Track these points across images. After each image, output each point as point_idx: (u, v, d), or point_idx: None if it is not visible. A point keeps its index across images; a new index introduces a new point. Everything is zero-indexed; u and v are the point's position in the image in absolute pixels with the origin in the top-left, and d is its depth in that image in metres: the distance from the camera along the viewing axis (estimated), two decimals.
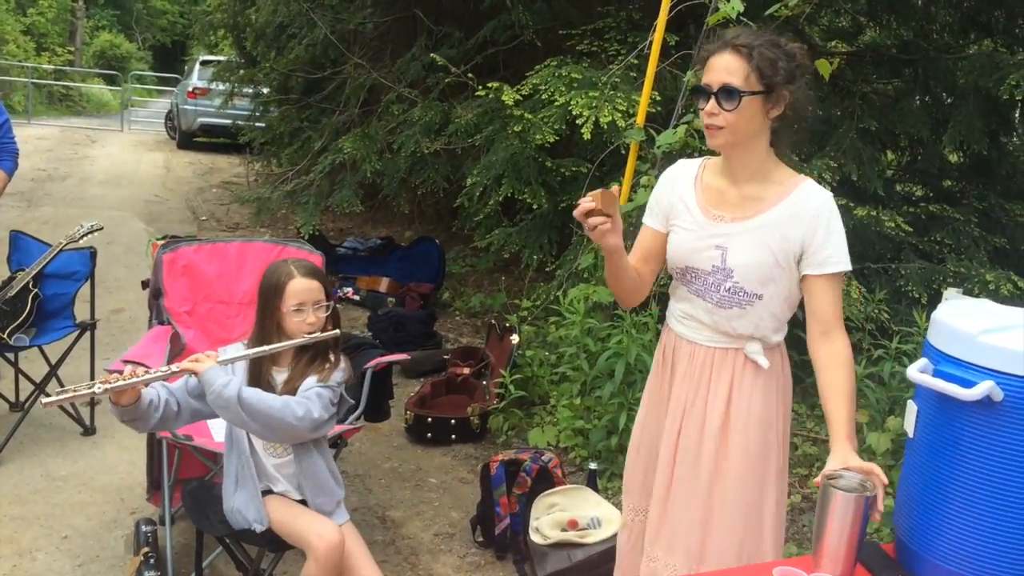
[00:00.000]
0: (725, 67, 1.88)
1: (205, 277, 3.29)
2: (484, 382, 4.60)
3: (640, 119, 4.11)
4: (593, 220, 1.84)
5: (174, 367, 2.27)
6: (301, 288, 2.45)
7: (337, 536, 2.37)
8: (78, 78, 28.13)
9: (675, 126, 3.94)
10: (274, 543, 2.44)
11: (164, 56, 38.55)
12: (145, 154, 14.95)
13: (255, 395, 2.32)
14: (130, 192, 10.71)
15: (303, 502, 2.51)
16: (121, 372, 2.52)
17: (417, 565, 3.25)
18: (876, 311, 4.28)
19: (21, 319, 3.80)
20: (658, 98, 4.45)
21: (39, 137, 15.92)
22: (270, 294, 2.46)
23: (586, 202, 1.83)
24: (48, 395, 2.10)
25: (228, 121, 12.02)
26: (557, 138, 4.79)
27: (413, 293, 6.12)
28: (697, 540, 2.05)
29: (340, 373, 2.56)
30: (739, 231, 1.97)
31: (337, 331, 2.58)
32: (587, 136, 4.33)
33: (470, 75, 5.39)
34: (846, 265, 1.94)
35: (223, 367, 2.34)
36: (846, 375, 1.90)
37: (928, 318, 1.65)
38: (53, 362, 3.95)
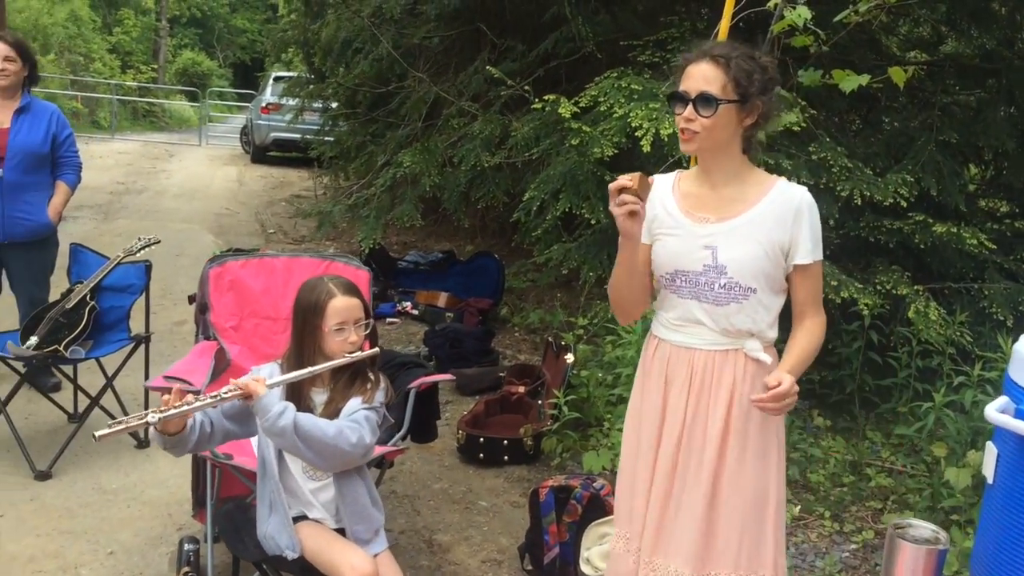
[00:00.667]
0: (703, 75, 1.98)
1: (251, 292, 3.25)
2: (540, 401, 4.48)
3: None
4: (625, 197, 1.93)
5: (224, 392, 2.20)
6: (342, 307, 2.38)
7: (370, 568, 2.28)
8: (161, 95, 29.03)
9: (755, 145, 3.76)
10: (307, 571, 2.36)
11: (244, 73, 39.61)
12: (220, 168, 15.29)
13: (310, 423, 2.25)
14: (202, 205, 10.92)
15: (340, 530, 2.43)
16: (162, 389, 2.50)
17: None
18: (957, 334, 4.04)
19: (78, 331, 3.82)
20: None
21: (120, 152, 16.44)
22: (309, 313, 2.39)
23: (624, 179, 1.93)
24: (110, 417, 2.06)
25: (299, 136, 12.22)
26: (616, 151, 4.65)
27: (472, 308, 6.03)
28: (699, 543, 2.09)
29: (382, 393, 2.49)
30: (727, 230, 2.07)
31: (377, 349, 2.50)
32: (647, 149, 4.18)
33: (526, 88, 5.29)
34: (821, 254, 2.10)
35: (274, 391, 2.28)
36: (803, 336, 2.09)
37: (1014, 342, 1.48)
38: (110, 374, 3.97)
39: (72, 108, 21.79)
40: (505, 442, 4.13)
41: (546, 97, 4.78)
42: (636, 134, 4.33)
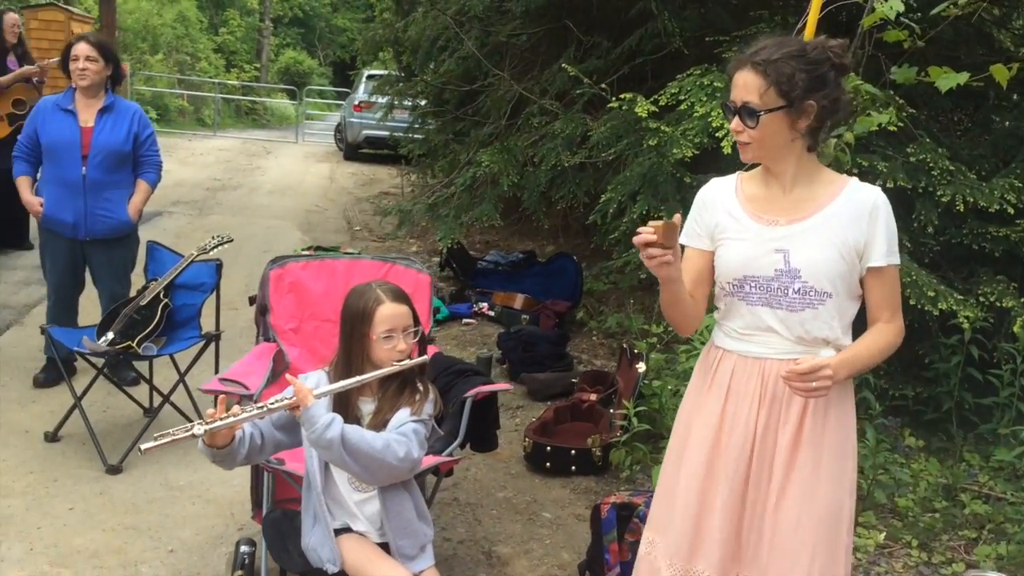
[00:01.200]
0: (744, 84, 1.92)
1: (312, 294, 3.22)
2: (612, 410, 4.33)
3: None
4: (652, 251, 1.86)
5: (271, 403, 2.15)
6: (391, 314, 2.31)
7: None
8: (263, 93, 29.86)
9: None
10: None
11: (342, 71, 40.40)
12: (313, 165, 15.58)
13: (357, 435, 2.18)
14: (294, 202, 11.11)
15: (385, 544, 2.35)
16: (216, 392, 2.48)
17: None
18: None
19: (150, 328, 3.88)
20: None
21: (220, 148, 16.93)
22: (357, 320, 2.32)
23: (647, 233, 1.85)
24: (180, 413, 2.03)
25: (388, 134, 12.35)
26: (697, 152, 4.47)
27: (548, 311, 5.92)
28: (761, 558, 2.03)
29: (430, 404, 2.41)
30: (799, 231, 1.98)
31: (425, 357, 2.42)
32: (727, 150, 3.99)
33: (603, 86, 5.13)
34: (898, 257, 2.00)
35: (321, 402, 2.22)
36: (869, 336, 1.99)
37: None
38: (182, 371, 4.02)
39: (178, 106, 22.63)
40: (573, 452, 4.01)
41: (622, 95, 4.62)
42: (717, 135, 4.15)
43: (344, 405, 2.34)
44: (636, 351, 4.30)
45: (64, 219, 4.22)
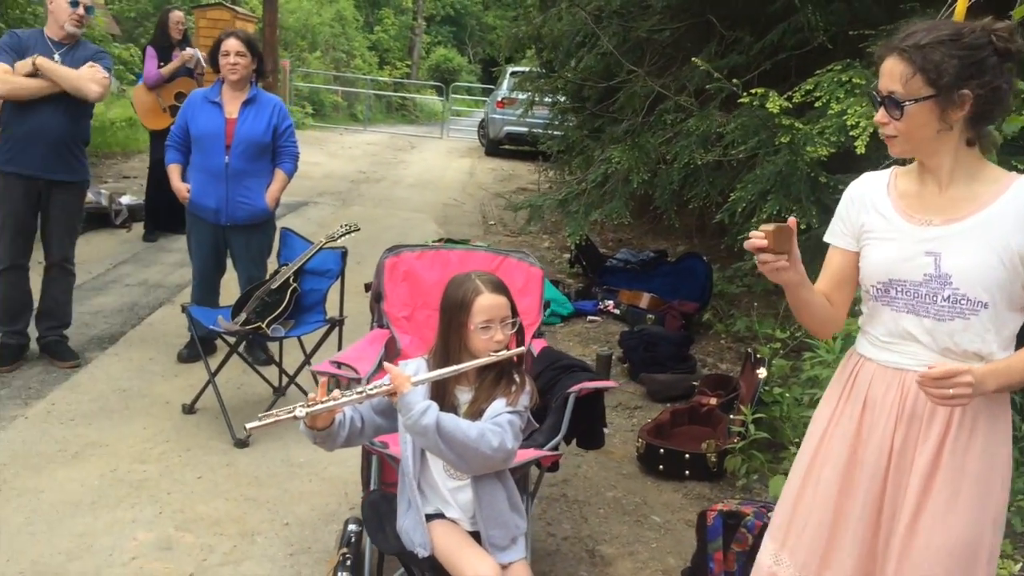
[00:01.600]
0: (890, 72, 1.78)
1: (425, 284, 3.27)
2: (731, 415, 4.21)
3: None
4: (764, 257, 1.79)
5: (370, 387, 2.20)
6: (489, 304, 2.32)
7: None
8: (413, 89, 30.72)
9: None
10: (437, 570, 2.32)
11: (491, 69, 41.05)
12: (454, 160, 15.90)
13: (452, 423, 2.20)
14: (432, 195, 11.38)
15: (477, 533, 2.37)
16: (327, 374, 2.57)
17: None
18: None
19: (279, 311, 4.05)
20: None
21: (368, 143, 17.54)
22: (455, 310, 2.34)
23: (757, 237, 1.79)
24: (304, 394, 2.13)
25: (528, 130, 12.46)
26: (834, 151, 4.27)
27: (675, 311, 5.81)
28: None
29: (526, 396, 2.40)
30: (953, 233, 1.82)
31: (523, 348, 2.42)
32: (861, 150, 3.80)
33: (735, 81, 4.98)
34: None
35: (419, 389, 2.26)
36: None
37: None
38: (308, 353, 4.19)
39: (333, 102, 23.59)
40: (687, 456, 3.92)
41: (753, 91, 4.47)
42: (851, 133, 3.95)
43: (441, 393, 2.37)
44: (759, 356, 4.16)
45: (207, 205, 4.47)
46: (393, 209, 10.01)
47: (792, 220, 1.83)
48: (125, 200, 7.81)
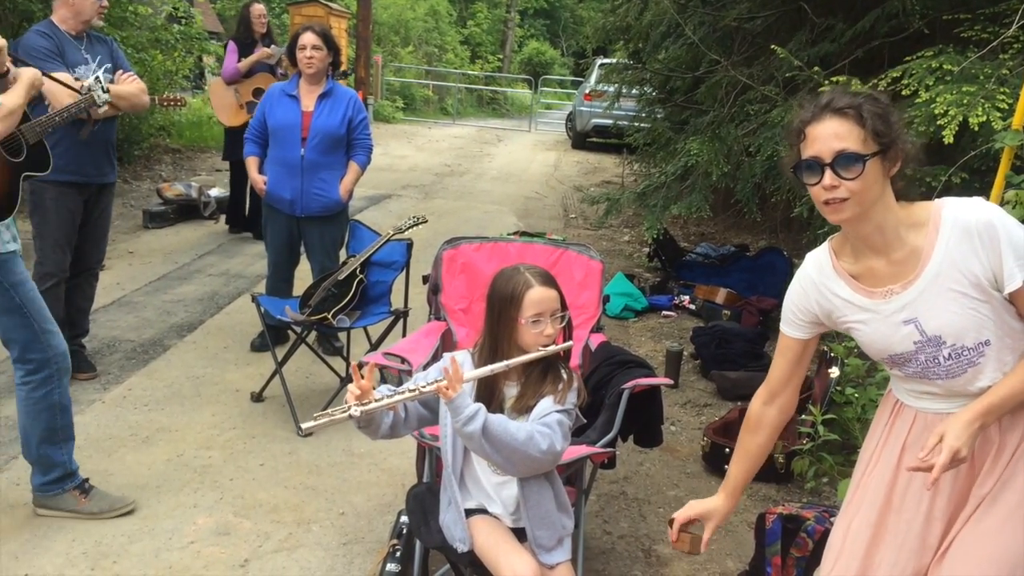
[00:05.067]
0: (834, 134, 1.70)
1: (483, 276, 3.23)
2: (802, 416, 4.04)
3: (1018, 119, 3.29)
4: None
5: (423, 385, 2.17)
6: (539, 298, 2.27)
7: None
8: (504, 83, 30.79)
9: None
10: (476, 566, 2.30)
11: (582, 61, 40.83)
12: (540, 153, 15.85)
13: (500, 427, 2.16)
14: (515, 188, 11.37)
15: (518, 530, 2.33)
16: (380, 365, 2.57)
17: None
18: None
19: (345, 301, 4.09)
20: None
21: (456, 136, 17.67)
22: (505, 303, 2.30)
23: (673, 536, 2.12)
24: (353, 402, 2.12)
25: (614, 122, 12.32)
26: (922, 141, 4.04)
27: (752, 307, 5.64)
28: None
29: (574, 394, 2.35)
30: (917, 295, 1.75)
31: (571, 343, 2.37)
32: (948, 139, 3.59)
33: (816, 69, 4.77)
34: None
35: (466, 388, 2.23)
36: (1021, 368, 1.72)
37: None
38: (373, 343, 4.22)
39: (423, 96, 23.85)
40: None
41: (834, 79, 4.28)
42: (939, 123, 3.74)
43: (490, 389, 2.33)
44: (832, 355, 3.99)
45: (283, 196, 4.54)
46: (474, 202, 10.04)
47: (705, 539, 2.09)
48: (214, 193, 8.05)
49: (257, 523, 3.21)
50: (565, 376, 2.39)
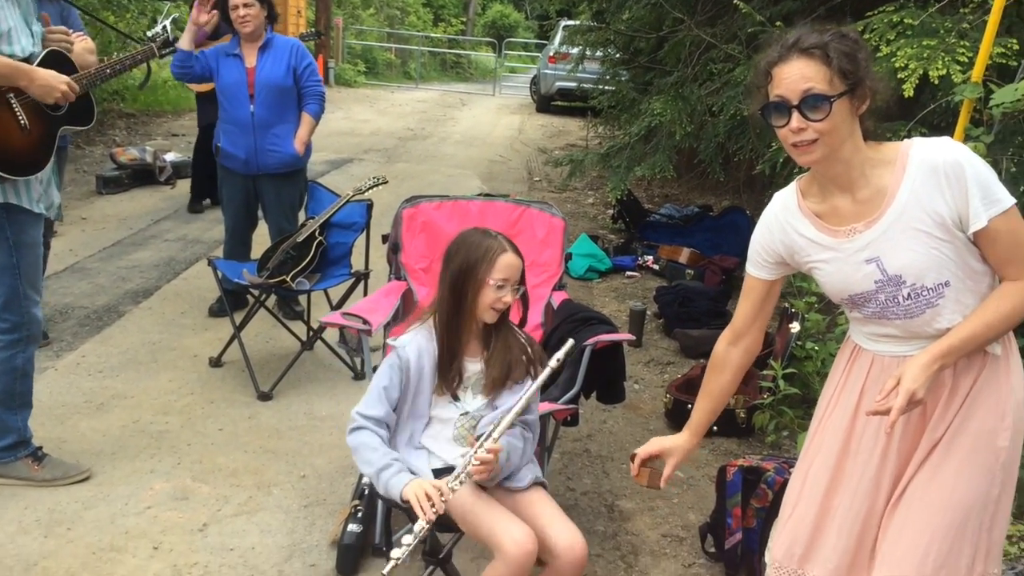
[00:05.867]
0: (800, 75, 1.67)
1: (444, 235, 3.18)
2: (763, 372, 4.07)
3: (977, 72, 3.29)
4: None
5: (469, 468, 2.11)
6: (509, 263, 2.25)
7: (532, 545, 2.12)
8: (468, 46, 30.45)
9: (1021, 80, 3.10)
10: (442, 524, 2.25)
11: (545, 22, 40.45)
12: (504, 117, 15.73)
13: (515, 458, 2.31)
14: (479, 152, 11.27)
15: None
16: (336, 324, 2.60)
17: (633, 567, 2.93)
18: None
19: (304, 264, 4.02)
20: (1015, 45, 3.57)
21: (419, 100, 17.46)
22: (475, 263, 2.23)
23: (634, 470, 2.14)
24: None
25: (578, 85, 12.22)
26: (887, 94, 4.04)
27: (715, 267, 5.65)
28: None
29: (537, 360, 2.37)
30: (880, 233, 1.74)
31: (571, 341, 2.34)
32: (908, 93, 3.59)
33: (779, 24, 4.75)
34: (1003, 203, 1.68)
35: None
36: (987, 304, 1.72)
37: None
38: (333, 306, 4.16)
39: (386, 59, 23.50)
40: None
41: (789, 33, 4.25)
42: (900, 76, 3.73)
43: (447, 366, 2.29)
44: (793, 310, 4.00)
45: (238, 155, 4.44)
46: (438, 165, 9.94)
47: (666, 473, 2.12)
48: (170, 157, 7.87)
49: (216, 487, 3.16)
50: (524, 339, 2.37)
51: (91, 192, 7.28)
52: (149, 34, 3.65)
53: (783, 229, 1.88)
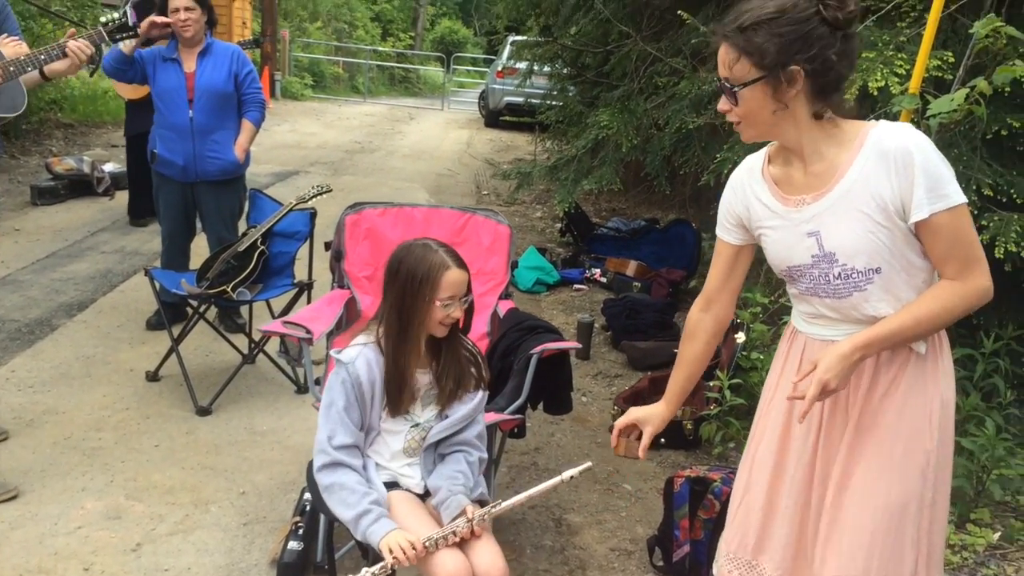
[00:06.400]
0: (722, 60, 1.72)
1: (388, 242, 3.13)
2: (710, 383, 4.07)
3: (914, 84, 3.35)
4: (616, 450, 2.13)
5: (457, 528, 2.09)
6: (454, 280, 2.17)
7: (466, 573, 2.08)
8: (416, 61, 30.40)
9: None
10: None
11: (493, 37, 40.58)
12: (453, 131, 15.70)
13: (483, 486, 2.31)
14: (427, 166, 11.21)
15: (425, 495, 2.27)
16: (277, 333, 2.51)
17: None
18: None
19: (245, 274, 3.93)
20: (950, 59, 3.65)
21: (367, 114, 17.35)
22: (419, 283, 2.15)
23: (613, 439, 2.12)
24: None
25: (526, 100, 12.25)
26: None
27: (662, 279, 5.67)
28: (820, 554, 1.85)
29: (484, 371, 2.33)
30: (825, 208, 1.73)
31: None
32: (849, 104, 3.63)
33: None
34: (951, 199, 1.65)
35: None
36: (921, 301, 1.71)
37: None
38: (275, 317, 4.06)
39: (333, 73, 23.33)
40: None
41: None
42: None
43: (399, 381, 2.22)
44: (738, 320, 4.02)
45: (175, 161, 4.33)
46: (385, 179, 9.85)
47: (643, 448, 2.06)
48: (108, 168, 7.68)
49: (150, 506, 3.05)
50: (471, 348, 2.33)
51: (25, 203, 7.06)
52: (103, 19, 3.54)
53: (744, 191, 1.88)
